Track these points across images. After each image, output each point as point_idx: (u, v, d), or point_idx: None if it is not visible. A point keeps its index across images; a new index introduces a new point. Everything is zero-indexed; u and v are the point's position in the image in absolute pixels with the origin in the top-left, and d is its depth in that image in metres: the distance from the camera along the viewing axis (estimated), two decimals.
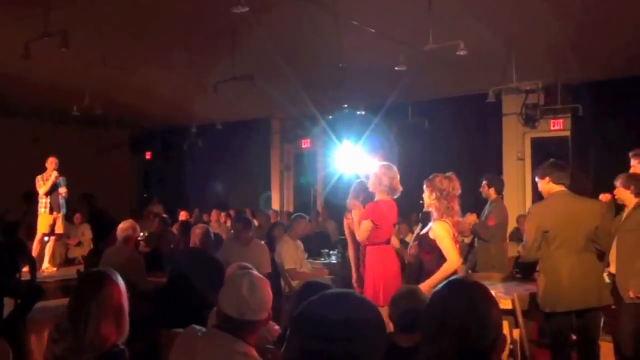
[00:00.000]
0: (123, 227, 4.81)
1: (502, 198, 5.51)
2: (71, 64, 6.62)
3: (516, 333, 3.84)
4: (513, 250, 5.99)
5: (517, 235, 6.74)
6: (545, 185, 3.64)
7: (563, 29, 5.59)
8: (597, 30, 5.65)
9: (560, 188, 3.58)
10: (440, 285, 1.38)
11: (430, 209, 3.64)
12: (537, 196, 8.58)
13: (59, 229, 7.76)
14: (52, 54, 5.20)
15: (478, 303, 1.29)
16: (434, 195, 3.55)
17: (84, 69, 6.93)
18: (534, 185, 8.58)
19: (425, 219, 4.10)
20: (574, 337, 3.74)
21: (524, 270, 5.40)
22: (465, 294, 1.31)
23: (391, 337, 2.42)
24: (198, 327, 2.06)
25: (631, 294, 3.53)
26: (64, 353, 2.00)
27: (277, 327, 2.77)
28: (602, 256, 3.65)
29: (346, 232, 4.68)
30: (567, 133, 7.99)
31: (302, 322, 1.11)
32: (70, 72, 7.17)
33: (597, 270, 3.58)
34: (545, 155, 8.71)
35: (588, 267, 3.49)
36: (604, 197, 4.16)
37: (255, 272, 2.10)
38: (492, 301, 1.33)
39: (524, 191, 8.43)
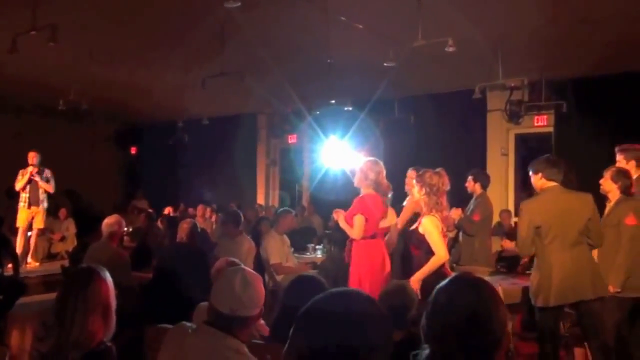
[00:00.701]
0: (108, 222, 4.74)
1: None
2: (58, 59, 6.54)
3: None
4: (497, 244, 6.08)
5: (500, 230, 6.84)
6: (538, 180, 3.66)
7: (549, 27, 5.66)
8: (582, 28, 5.73)
9: (552, 184, 3.60)
10: (443, 282, 1.35)
11: (405, 203, 3.68)
12: (520, 191, 8.79)
13: (38, 224, 7.60)
14: (39, 49, 5.13)
15: (484, 300, 1.27)
16: (423, 190, 3.59)
17: (71, 63, 6.85)
18: (517, 180, 8.79)
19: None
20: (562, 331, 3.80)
21: (508, 264, 5.49)
22: (472, 291, 1.29)
23: None
24: (189, 324, 2.03)
25: (611, 289, 3.61)
26: (50, 351, 1.97)
27: (262, 321, 2.76)
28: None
29: None
30: (551, 129, 8.10)
31: (308, 320, 1.09)
32: (57, 67, 7.08)
33: (591, 263, 3.59)
34: (529, 150, 8.89)
35: (581, 260, 3.51)
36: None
37: (247, 268, 2.09)
38: (498, 298, 1.31)
39: (507, 186, 8.56)
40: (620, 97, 7.14)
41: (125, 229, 6.77)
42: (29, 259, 7.73)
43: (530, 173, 3.73)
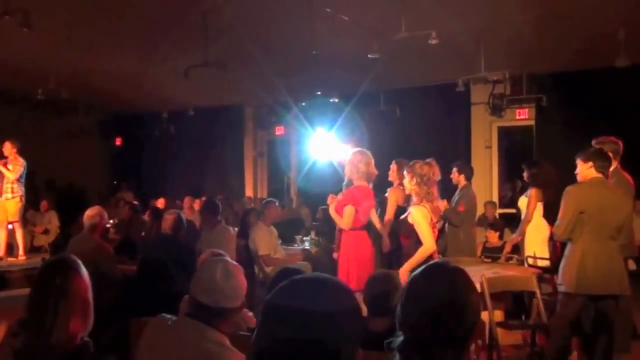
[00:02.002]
0: (90, 214, 4.61)
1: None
2: (35, 45, 6.37)
3: (484, 315, 3.97)
4: (481, 235, 6.17)
5: (484, 222, 6.92)
6: (587, 169, 3.68)
7: (529, 22, 5.71)
8: (561, 23, 5.79)
9: (599, 175, 3.65)
10: (418, 270, 1.36)
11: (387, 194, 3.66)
12: (503, 183, 8.89)
13: (9, 217, 7.04)
14: (14, 34, 5.01)
15: (458, 288, 1.28)
16: (414, 180, 3.60)
17: (49, 50, 6.67)
18: (501, 172, 8.89)
19: None
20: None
21: (492, 255, 5.56)
22: (445, 279, 1.30)
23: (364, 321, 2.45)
24: (168, 316, 1.97)
25: None
26: (24, 348, 1.90)
27: (250, 313, 2.77)
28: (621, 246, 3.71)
29: None
30: (532, 122, 8.23)
31: (273, 310, 1.03)
32: (34, 54, 6.90)
33: (620, 259, 3.64)
34: (511, 143, 9.01)
35: (613, 255, 3.57)
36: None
37: (229, 259, 2.07)
38: (471, 286, 1.32)
39: (491, 178, 8.67)
40: (598, 91, 7.29)
41: (111, 221, 6.70)
42: (21, 252, 7.54)
43: (579, 160, 3.74)
